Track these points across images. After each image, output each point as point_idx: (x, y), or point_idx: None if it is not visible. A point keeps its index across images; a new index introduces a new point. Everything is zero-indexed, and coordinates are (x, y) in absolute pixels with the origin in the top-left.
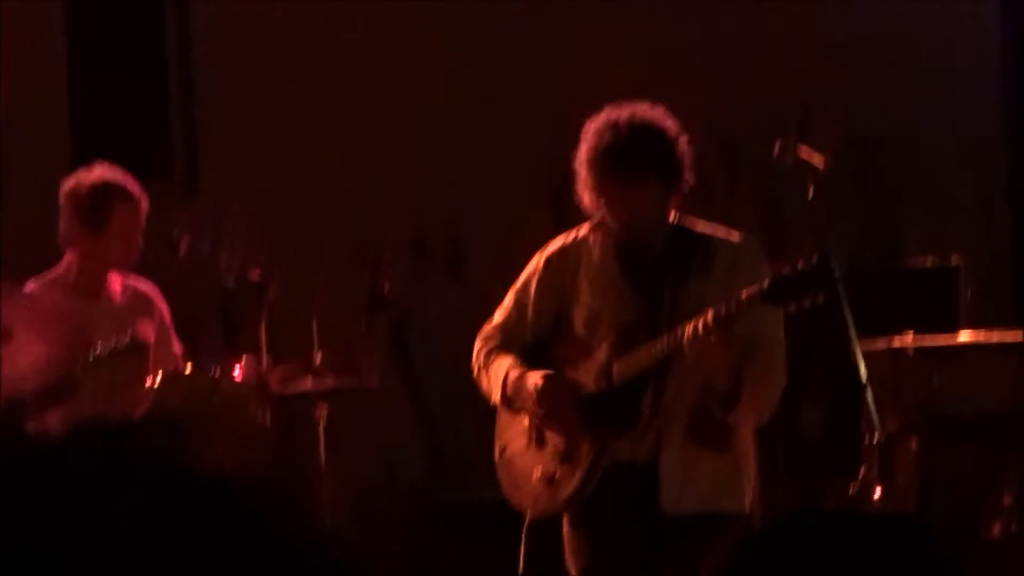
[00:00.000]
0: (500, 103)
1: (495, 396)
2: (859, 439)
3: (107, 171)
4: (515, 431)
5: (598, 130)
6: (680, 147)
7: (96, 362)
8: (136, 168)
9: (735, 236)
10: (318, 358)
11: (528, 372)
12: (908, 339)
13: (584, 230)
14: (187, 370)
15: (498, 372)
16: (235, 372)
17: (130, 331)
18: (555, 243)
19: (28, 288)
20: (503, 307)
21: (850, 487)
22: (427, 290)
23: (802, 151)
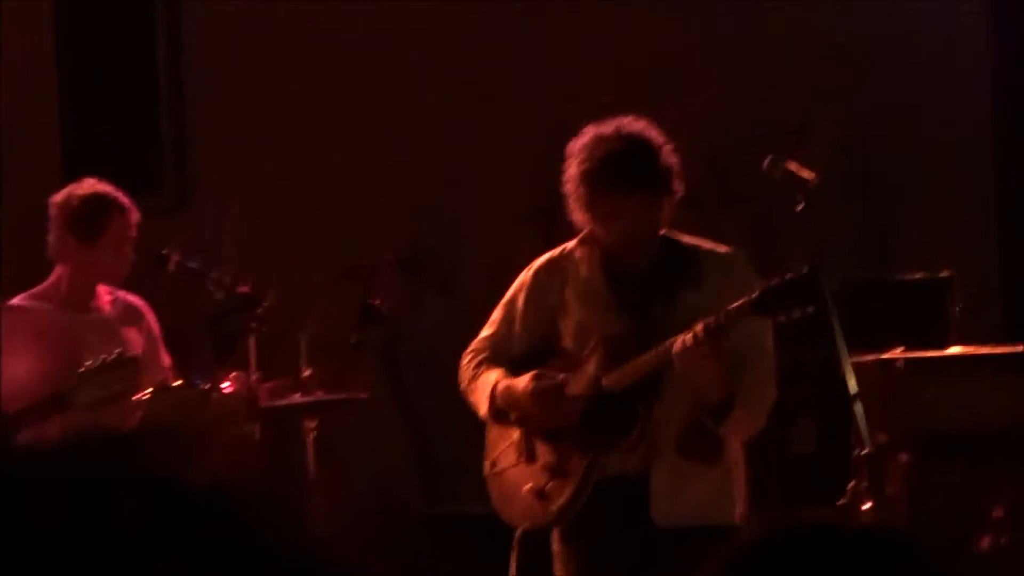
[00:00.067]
0: (491, 118)
1: (483, 410)
2: (849, 452)
3: (98, 184)
4: (505, 445)
5: (586, 146)
6: (667, 158)
7: (86, 375)
8: (126, 183)
9: (724, 249)
10: (307, 372)
11: (515, 379)
12: (898, 352)
13: (572, 244)
14: (177, 383)
15: (485, 386)
16: (225, 386)
17: (120, 344)
18: (543, 258)
19: (17, 302)
20: (491, 321)
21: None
22: (418, 305)
23: (791, 165)
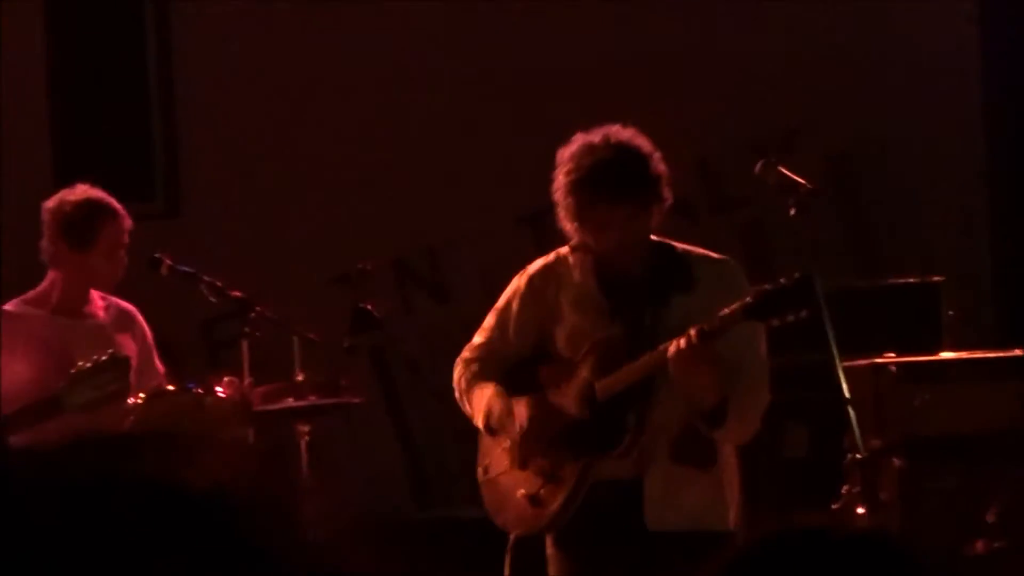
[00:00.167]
0: (484, 121)
1: (478, 423)
2: (841, 457)
3: (90, 190)
4: (498, 451)
5: (574, 155)
6: (656, 166)
7: (78, 376)
8: (118, 189)
9: (716, 256)
10: (300, 377)
11: (513, 404)
12: (891, 357)
13: (565, 250)
14: (170, 388)
15: (480, 401)
16: (218, 390)
17: (110, 348)
18: (536, 263)
19: (10, 307)
20: (484, 327)
21: (834, 505)
22: (409, 310)
23: (784, 169)
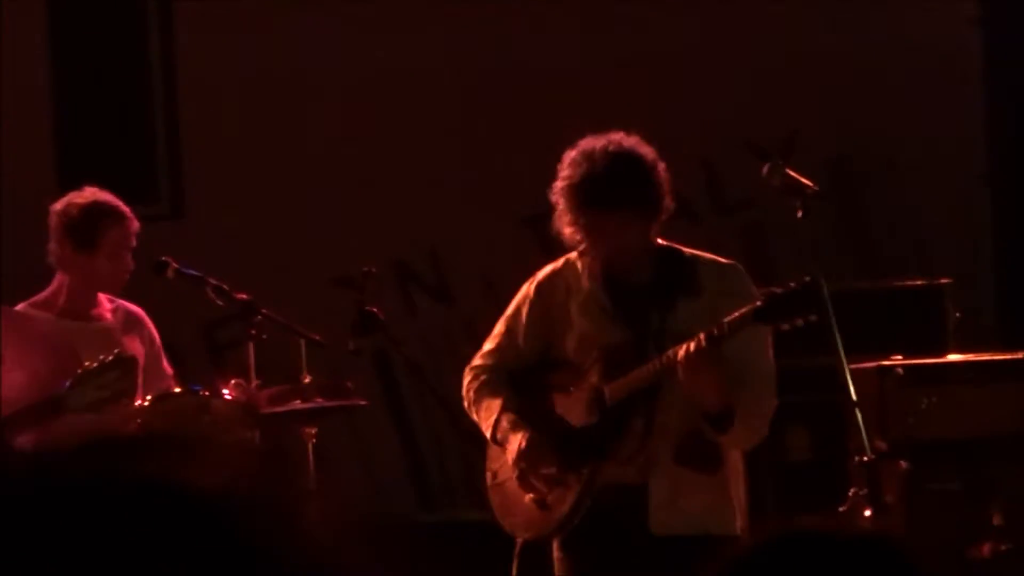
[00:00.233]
0: (487, 123)
1: (485, 433)
2: (844, 460)
3: (97, 192)
4: (506, 457)
5: (573, 160)
6: (656, 174)
7: (83, 377)
8: (122, 192)
9: (724, 260)
10: (306, 379)
11: (516, 430)
12: (897, 359)
13: (573, 256)
14: (176, 390)
15: (488, 414)
16: (225, 393)
17: (118, 349)
18: (545, 270)
19: (17, 310)
20: (494, 335)
21: (841, 508)
22: (412, 312)
23: (790, 172)
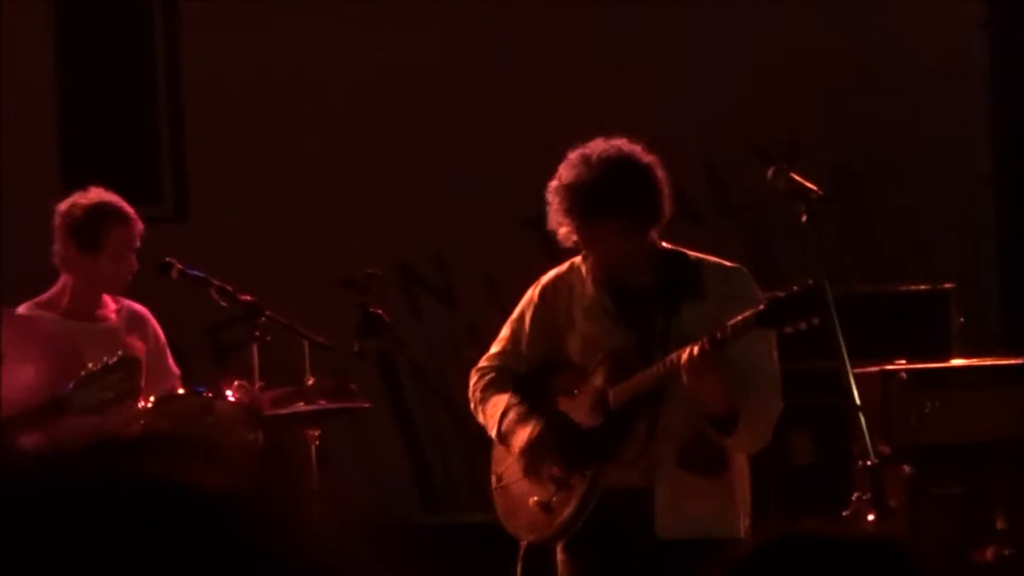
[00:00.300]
0: (490, 124)
1: (491, 432)
2: (848, 464)
3: (102, 193)
4: (511, 460)
5: (570, 162)
6: (652, 182)
7: (87, 378)
8: (125, 193)
9: (728, 263)
10: (310, 381)
11: (522, 421)
12: (900, 364)
13: (578, 259)
14: (180, 391)
15: (494, 411)
16: (228, 394)
17: (122, 349)
18: (549, 274)
19: (22, 310)
20: (499, 338)
21: (842, 512)
22: (416, 314)
23: (795, 175)
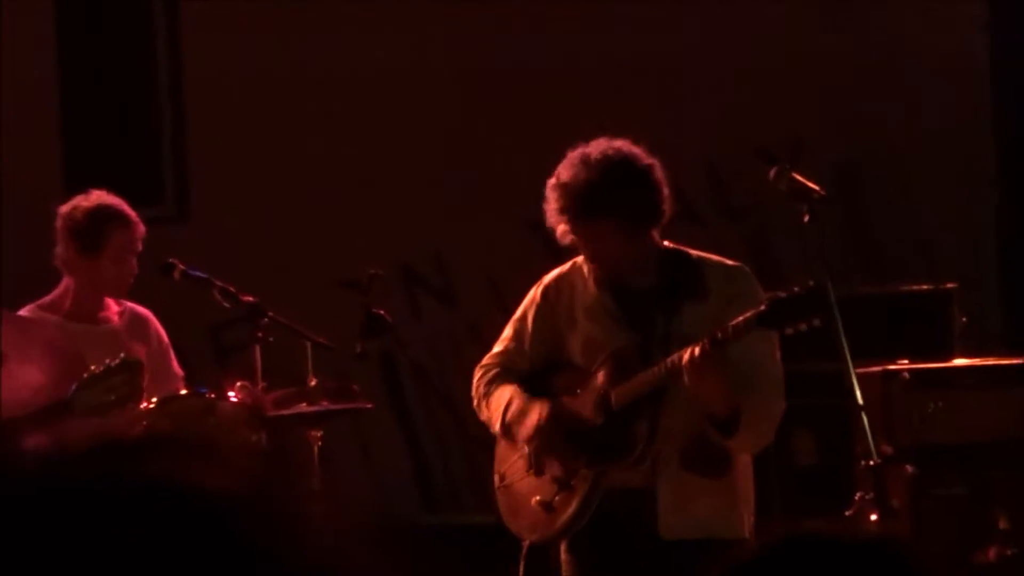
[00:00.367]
0: (491, 125)
1: (495, 426)
2: (850, 464)
3: (103, 195)
4: (514, 458)
5: (568, 161)
6: (648, 184)
7: (89, 380)
8: (127, 194)
9: (731, 262)
10: (312, 382)
11: (530, 403)
12: (902, 364)
13: (580, 259)
14: (183, 392)
15: (499, 401)
16: (231, 395)
17: (125, 352)
18: (552, 273)
19: (25, 312)
20: (502, 338)
21: (847, 511)
22: (417, 315)
23: (798, 176)
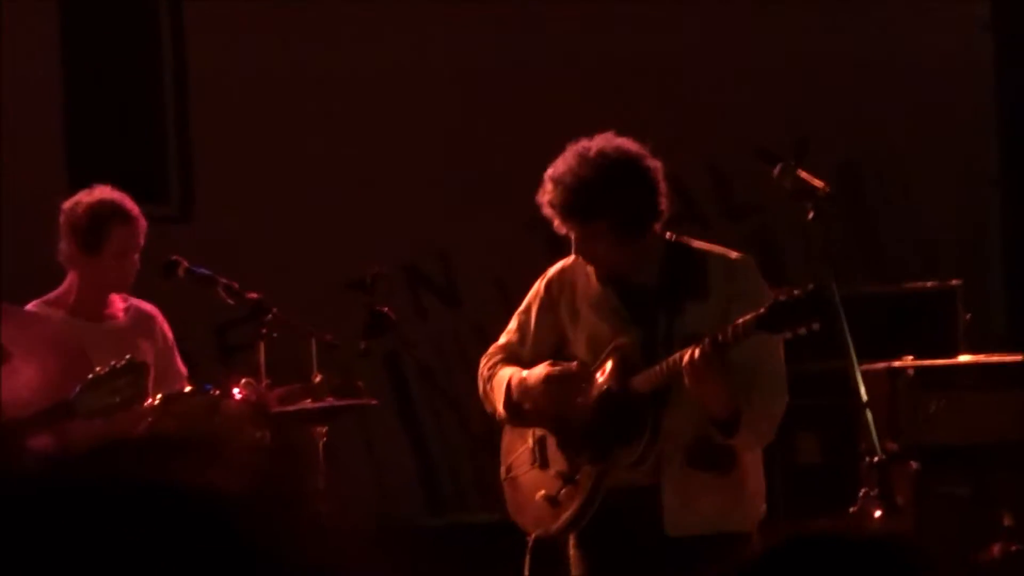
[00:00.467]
0: (493, 124)
1: (499, 407)
2: (854, 462)
3: (106, 192)
4: (520, 451)
5: (556, 165)
6: (644, 187)
7: (94, 381)
8: (132, 192)
9: (734, 254)
10: (317, 378)
11: (531, 370)
12: (907, 361)
13: None
14: (187, 390)
15: (501, 382)
16: (235, 392)
17: (129, 351)
18: (556, 266)
19: (28, 309)
20: (508, 330)
21: (851, 508)
22: (422, 315)
23: (802, 174)
